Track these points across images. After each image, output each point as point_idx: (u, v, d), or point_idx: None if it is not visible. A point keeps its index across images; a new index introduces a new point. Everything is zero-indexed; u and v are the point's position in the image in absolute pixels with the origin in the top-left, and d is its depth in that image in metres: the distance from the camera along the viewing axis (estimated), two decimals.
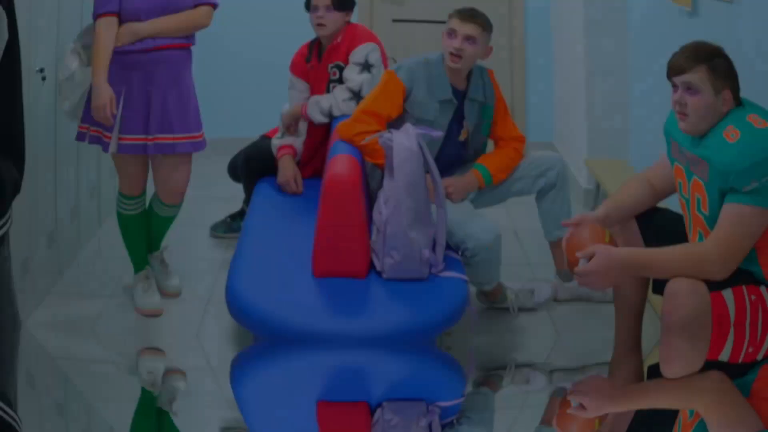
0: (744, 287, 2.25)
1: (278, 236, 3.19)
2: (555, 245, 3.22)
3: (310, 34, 3.81)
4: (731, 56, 2.40)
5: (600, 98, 4.57)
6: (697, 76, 2.32)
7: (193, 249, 3.93)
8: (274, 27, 5.26)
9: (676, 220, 2.59)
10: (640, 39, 4.38)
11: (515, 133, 3.34)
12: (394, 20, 5.33)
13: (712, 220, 2.30)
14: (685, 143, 2.43)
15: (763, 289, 2.26)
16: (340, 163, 2.83)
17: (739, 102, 2.37)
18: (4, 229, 1.41)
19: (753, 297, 2.24)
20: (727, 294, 2.21)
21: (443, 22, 4.55)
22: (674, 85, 2.38)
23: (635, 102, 4.48)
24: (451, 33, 3.15)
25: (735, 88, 2.36)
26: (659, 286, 2.45)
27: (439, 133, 3.00)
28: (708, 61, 2.33)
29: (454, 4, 4.82)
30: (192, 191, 3.99)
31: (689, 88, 2.33)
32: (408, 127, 2.83)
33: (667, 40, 3.77)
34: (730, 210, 2.22)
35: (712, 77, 2.31)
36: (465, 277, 2.79)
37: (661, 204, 2.70)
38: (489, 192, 3.24)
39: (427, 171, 2.81)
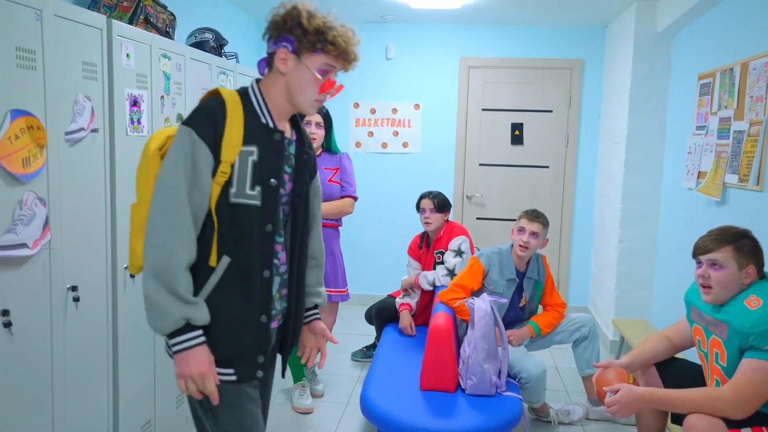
0: (764, 428, 2.01)
1: (398, 362, 3.24)
2: (586, 380, 3.31)
3: (420, 227, 4.04)
4: (761, 238, 2.13)
5: (626, 275, 4.43)
6: (721, 255, 2.07)
7: (338, 368, 4.00)
8: (397, 220, 5.43)
9: (692, 368, 2.41)
10: (668, 226, 4.16)
11: (559, 301, 3.37)
12: (478, 218, 5.48)
13: (729, 371, 2.06)
14: (705, 309, 2.20)
15: None
16: (440, 318, 2.94)
17: (762, 276, 2.10)
18: None
19: None
20: None
21: (510, 220, 4.93)
22: (699, 262, 2.15)
23: (660, 275, 4.26)
24: (521, 230, 3.19)
25: (760, 265, 2.09)
26: (678, 418, 2.23)
27: (504, 301, 3.09)
28: (734, 242, 2.08)
29: (517, 207, 5.19)
30: (339, 329, 4.43)
31: (713, 264, 2.09)
32: (484, 296, 2.94)
33: (693, 226, 3.61)
34: (749, 363, 1.97)
35: (737, 255, 2.06)
36: (520, 397, 2.82)
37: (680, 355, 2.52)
38: (538, 341, 3.33)
39: (496, 325, 2.88)
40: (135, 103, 2.56)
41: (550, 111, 5.42)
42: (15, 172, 1.88)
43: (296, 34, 1.56)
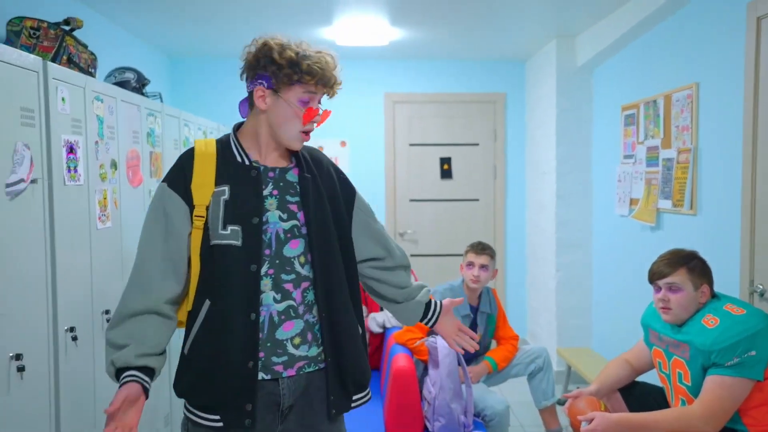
0: None
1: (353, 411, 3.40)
2: (543, 412, 3.41)
3: None
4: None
5: (566, 303, 4.64)
6: (678, 278, 2.22)
7: None
8: None
9: (654, 390, 2.54)
10: (602, 253, 4.38)
11: (512, 333, 3.50)
12: (412, 255, 5.50)
13: (695, 390, 2.20)
14: (664, 331, 2.33)
15: None
16: (401, 360, 2.96)
17: (713, 294, 2.29)
18: None
19: None
20: None
21: (444, 255, 4.99)
22: (657, 287, 2.29)
23: (598, 302, 4.49)
24: (470, 264, 3.28)
25: (711, 283, 2.28)
26: None
27: None
28: (686, 264, 2.25)
29: (451, 242, 5.37)
30: None
31: (671, 287, 2.24)
32: None
33: (630, 252, 3.84)
34: (714, 380, 2.11)
35: (692, 276, 2.23)
36: None
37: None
38: (495, 375, 3.44)
39: (459, 363, 2.94)
40: (71, 149, 2.49)
41: (477, 144, 5.70)
42: None
43: (271, 71, 1.61)
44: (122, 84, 3.49)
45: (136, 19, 4.07)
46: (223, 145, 1.68)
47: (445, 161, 5.67)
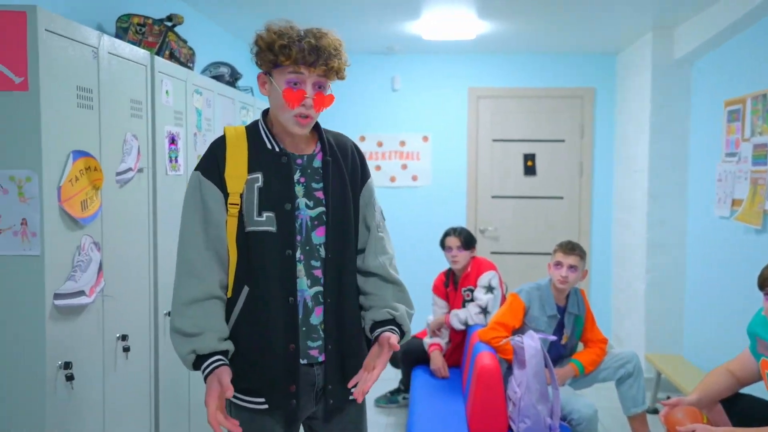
0: None
1: (438, 407, 3.24)
2: (633, 420, 3.29)
3: (439, 264, 4.11)
4: None
5: (656, 307, 4.46)
6: None
7: None
8: (411, 256, 5.13)
9: (761, 404, 2.40)
10: (698, 255, 4.18)
11: (600, 336, 3.38)
12: (492, 252, 5.49)
13: None
14: None
15: None
16: (486, 358, 2.97)
17: None
18: None
19: None
20: None
21: (525, 254, 4.87)
22: (766, 294, 2.17)
23: (691, 307, 4.28)
24: (558, 264, 3.20)
25: None
26: None
27: (553, 338, 3.08)
28: None
29: (532, 240, 5.26)
30: None
31: None
32: (532, 333, 2.94)
33: (731, 255, 3.65)
34: None
35: None
36: None
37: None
38: (582, 379, 3.34)
39: (545, 364, 2.88)
40: (173, 140, 2.60)
41: (563, 140, 5.57)
42: (75, 215, 1.90)
43: (257, 56, 1.63)
44: (217, 78, 3.62)
45: (230, 16, 4.21)
46: (252, 131, 1.69)
47: (529, 157, 5.59)
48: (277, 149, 1.66)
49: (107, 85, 2.07)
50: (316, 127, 1.73)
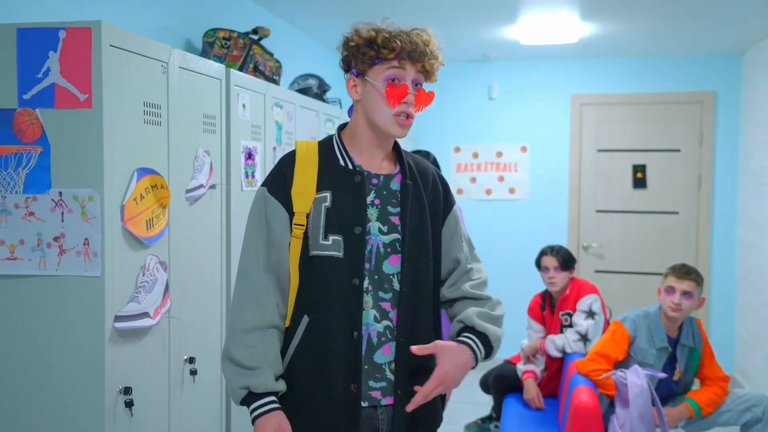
0: None
1: None
2: None
3: (536, 284, 3.91)
4: None
5: None
6: None
7: None
8: (506, 275, 5.00)
9: None
10: None
11: (721, 374, 3.06)
12: (596, 271, 5.22)
13: None
14: None
15: None
16: (583, 393, 2.75)
17: None
18: None
19: None
20: None
21: (634, 273, 4.54)
22: None
23: None
24: (670, 289, 2.94)
25: None
26: None
27: (663, 375, 2.81)
28: None
29: (642, 259, 4.87)
30: (452, 397, 4.20)
31: None
32: (637, 369, 2.72)
33: None
34: None
35: None
36: None
37: None
38: (698, 422, 3.02)
39: (653, 403, 2.66)
40: (249, 155, 2.54)
41: (678, 150, 5.15)
42: (139, 235, 1.85)
43: (353, 54, 1.53)
44: (304, 90, 3.57)
45: (320, 26, 4.17)
46: (325, 147, 1.58)
47: (639, 169, 5.19)
48: (350, 167, 1.54)
49: (177, 100, 2.02)
50: (396, 147, 1.61)
